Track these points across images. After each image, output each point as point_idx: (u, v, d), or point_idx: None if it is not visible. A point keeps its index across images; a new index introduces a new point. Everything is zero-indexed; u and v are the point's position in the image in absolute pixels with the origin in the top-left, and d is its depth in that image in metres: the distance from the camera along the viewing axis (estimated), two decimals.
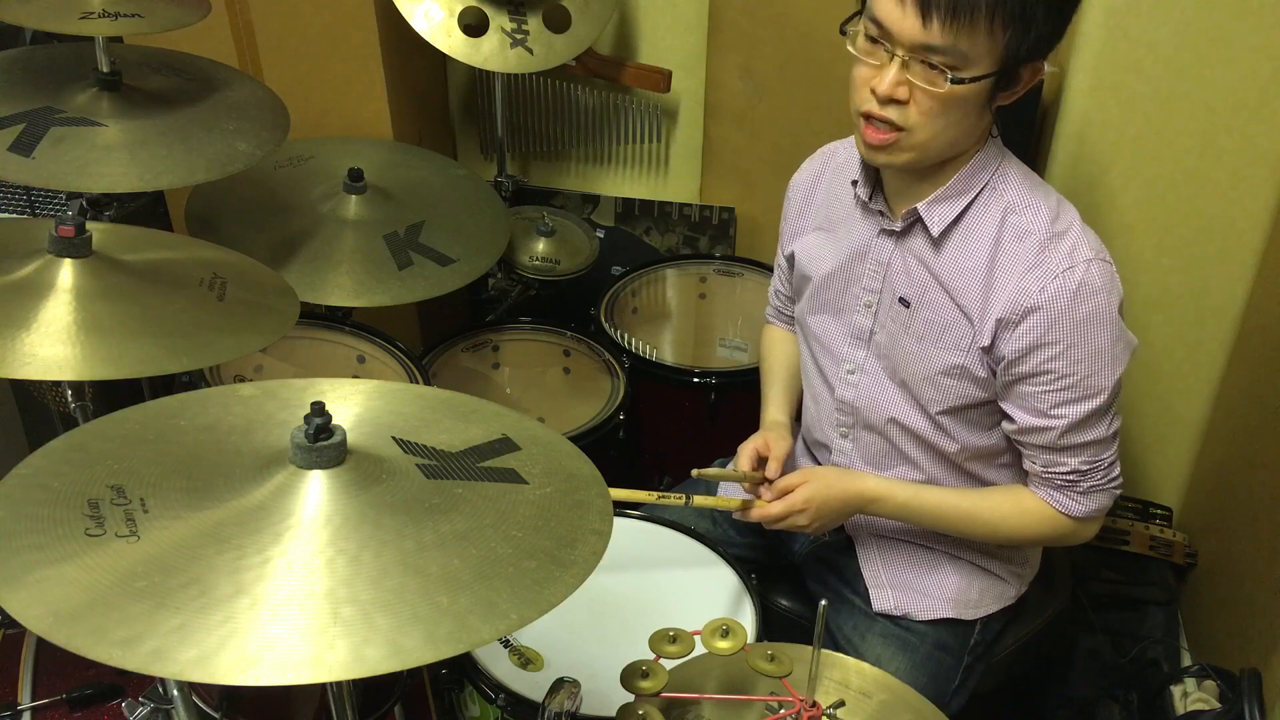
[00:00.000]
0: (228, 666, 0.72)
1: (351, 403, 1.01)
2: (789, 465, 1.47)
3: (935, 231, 1.30)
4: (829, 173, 1.49)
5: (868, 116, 1.24)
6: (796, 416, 1.63)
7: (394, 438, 0.96)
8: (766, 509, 1.41)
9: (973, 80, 1.18)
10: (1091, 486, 1.33)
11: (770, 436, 1.49)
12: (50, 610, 0.75)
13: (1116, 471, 1.35)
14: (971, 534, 1.42)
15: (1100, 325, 1.24)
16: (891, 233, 1.36)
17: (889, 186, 1.36)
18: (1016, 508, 1.38)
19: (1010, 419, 1.33)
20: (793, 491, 1.40)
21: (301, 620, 0.75)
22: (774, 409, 1.60)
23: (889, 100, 1.21)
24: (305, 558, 0.80)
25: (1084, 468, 1.32)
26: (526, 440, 1.01)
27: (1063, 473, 1.33)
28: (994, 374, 1.32)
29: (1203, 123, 1.75)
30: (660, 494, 1.42)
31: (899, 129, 1.22)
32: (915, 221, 1.33)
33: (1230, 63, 1.70)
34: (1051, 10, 1.17)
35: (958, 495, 1.41)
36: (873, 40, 1.21)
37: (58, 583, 0.77)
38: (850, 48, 1.24)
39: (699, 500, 1.43)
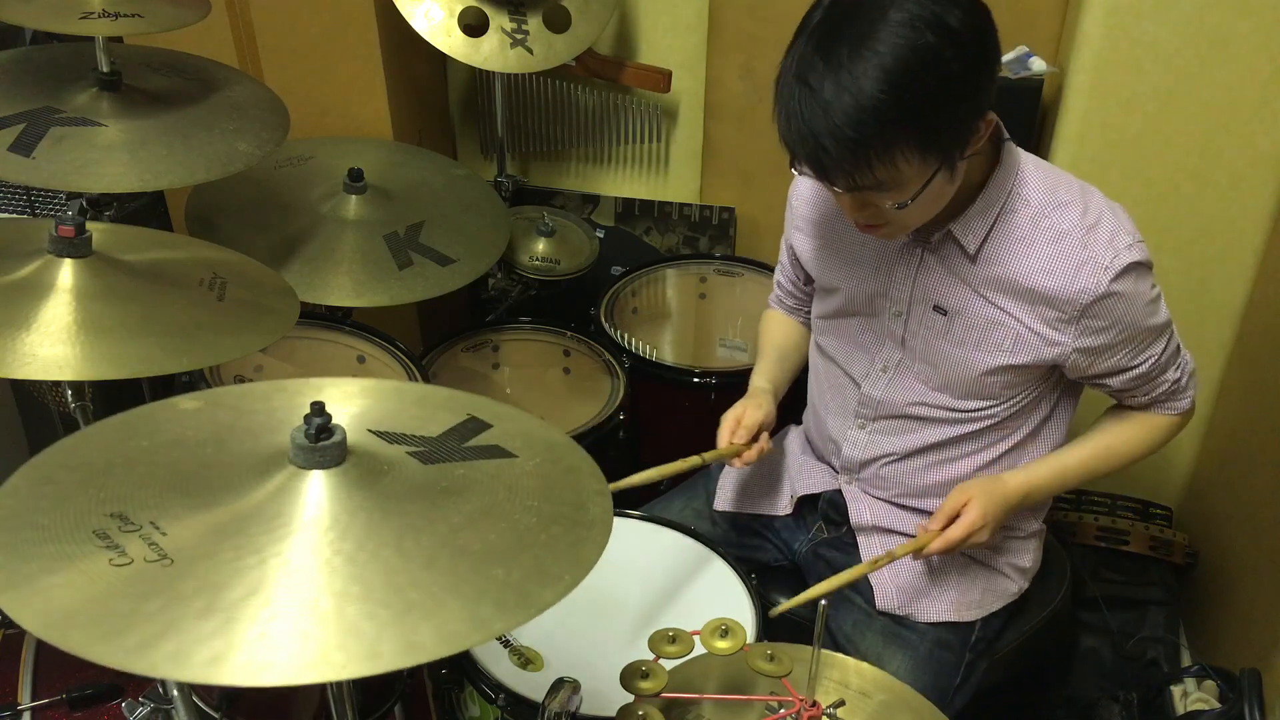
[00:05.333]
0: (250, 668, 0.71)
1: (305, 399, 0.99)
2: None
3: (971, 249, 1.31)
4: None
5: None
6: (795, 396, 1.64)
7: (369, 430, 0.96)
8: (949, 535, 1.36)
9: (915, 196, 1.19)
10: (1187, 381, 1.42)
11: (749, 405, 1.50)
12: (63, 616, 0.74)
13: (1188, 354, 1.42)
14: (1111, 470, 1.46)
15: (1147, 288, 1.30)
16: (919, 246, 1.36)
17: None
18: (1144, 430, 1.44)
19: (1105, 386, 1.38)
20: (964, 511, 1.36)
21: (371, 608, 0.76)
22: (759, 377, 1.60)
23: (860, 217, 1.26)
24: (327, 556, 0.80)
25: (1176, 374, 1.39)
26: (492, 417, 1.02)
27: (1166, 388, 1.39)
28: (1054, 367, 1.35)
29: (1203, 123, 1.76)
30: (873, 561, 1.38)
31: (887, 223, 1.26)
32: (948, 237, 1.33)
33: (1230, 63, 1.70)
34: (952, 107, 1.14)
35: (1089, 447, 1.44)
36: None
37: (68, 589, 0.76)
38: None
39: (900, 549, 1.38)
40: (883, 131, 1.11)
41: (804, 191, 1.50)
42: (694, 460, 1.44)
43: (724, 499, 1.63)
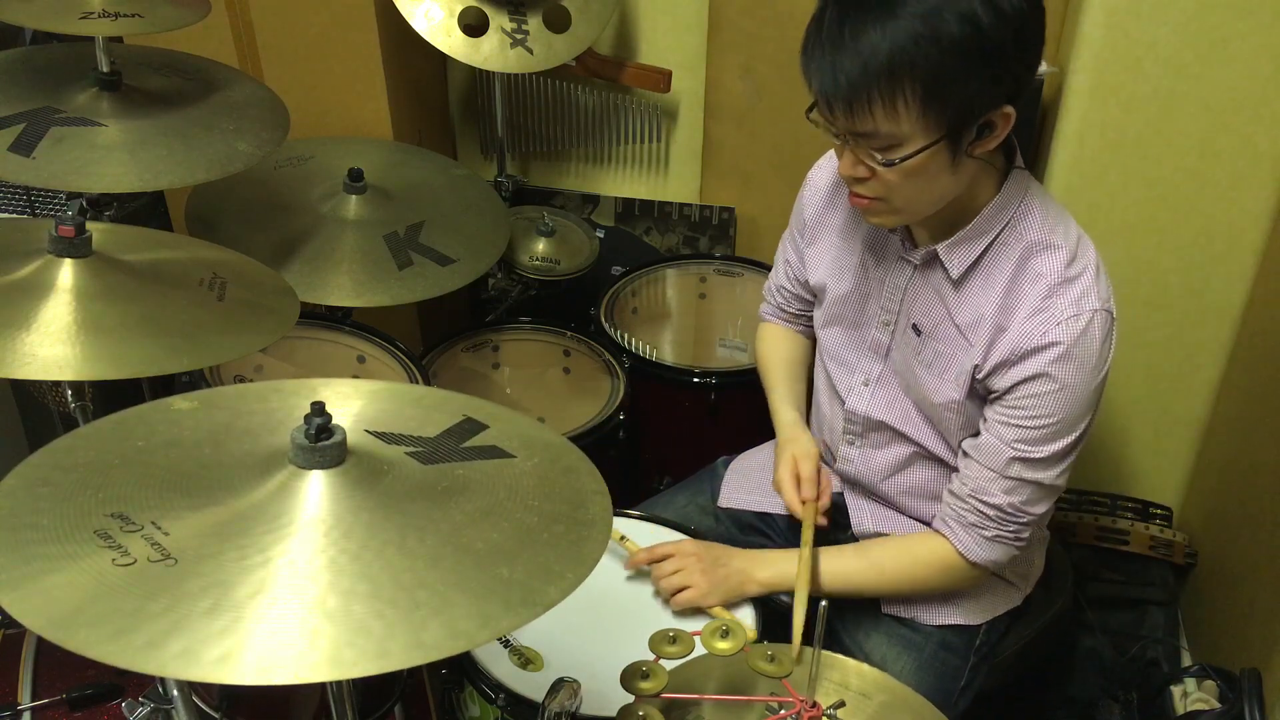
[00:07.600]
0: (260, 666, 0.71)
1: (299, 400, 0.99)
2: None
3: (955, 274, 1.30)
4: None
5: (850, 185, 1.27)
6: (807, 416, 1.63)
7: (367, 430, 0.96)
8: (654, 549, 1.41)
9: (906, 159, 1.17)
10: (998, 535, 1.32)
11: (796, 455, 1.49)
12: (67, 616, 0.74)
13: (1027, 534, 1.34)
14: (869, 584, 1.43)
15: (1088, 375, 1.24)
16: (910, 261, 1.36)
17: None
18: (912, 550, 1.41)
19: (975, 432, 1.33)
20: (679, 543, 1.42)
21: (379, 607, 0.76)
22: (784, 406, 1.58)
23: (853, 179, 1.24)
24: (332, 555, 0.80)
25: (1008, 509, 1.30)
26: (488, 418, 1.02)
27: (983, 504, 1.31)
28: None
29: (1203, 123, 1.76)
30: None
31: (878, 197, 1.24)
32: (934, 258, 1.32)
33: (1230, 63, 1.70)
34: (968, 73, 1.13)
35: (852, 547, 1.44)
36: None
37: (72, 589, 0.76)
38: (819, 130, 1.26)
39: (632, 545, 1.44)
40: (892, 66, 1.12)
41: (818, 183, 1.50)
42: (810, 533, 1.42)
43: (729, 496, 1.63)
